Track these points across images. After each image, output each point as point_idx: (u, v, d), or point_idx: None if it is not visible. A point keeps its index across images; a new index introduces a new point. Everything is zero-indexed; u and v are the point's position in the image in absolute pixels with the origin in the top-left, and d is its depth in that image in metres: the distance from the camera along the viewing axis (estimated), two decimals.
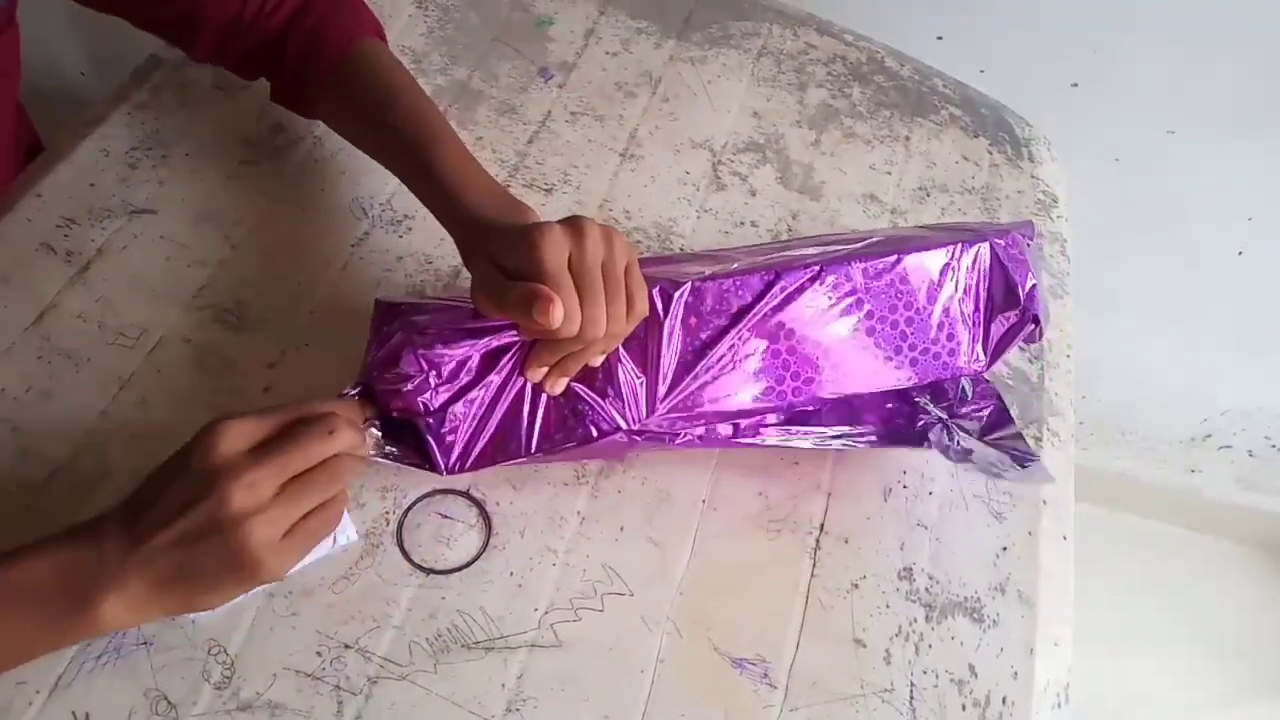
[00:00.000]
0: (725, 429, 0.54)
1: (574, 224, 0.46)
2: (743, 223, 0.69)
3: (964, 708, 0.51)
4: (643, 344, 0.50)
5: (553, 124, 0.72)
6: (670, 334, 0.50)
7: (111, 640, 0.46)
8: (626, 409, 0.50)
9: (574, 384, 0.50)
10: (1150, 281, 1.19)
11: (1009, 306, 0.54)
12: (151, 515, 0.41)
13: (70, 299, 0.57)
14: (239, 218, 0.62)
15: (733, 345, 0.50)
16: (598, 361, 0.49)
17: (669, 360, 0.50)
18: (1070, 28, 0.96)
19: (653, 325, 0.50)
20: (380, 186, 0.65)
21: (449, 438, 0.49)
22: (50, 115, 0.79)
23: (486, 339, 0.49)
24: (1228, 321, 1.22)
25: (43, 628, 0.41)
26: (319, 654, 0.47)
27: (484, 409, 0.49)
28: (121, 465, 0.51)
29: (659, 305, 0.50)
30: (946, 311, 0.53)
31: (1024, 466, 0.55)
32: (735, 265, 0.52)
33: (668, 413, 0.50)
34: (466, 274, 0.51)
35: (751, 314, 0.50)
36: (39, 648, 0.42)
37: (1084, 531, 0.61)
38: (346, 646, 0.47)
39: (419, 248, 0.63)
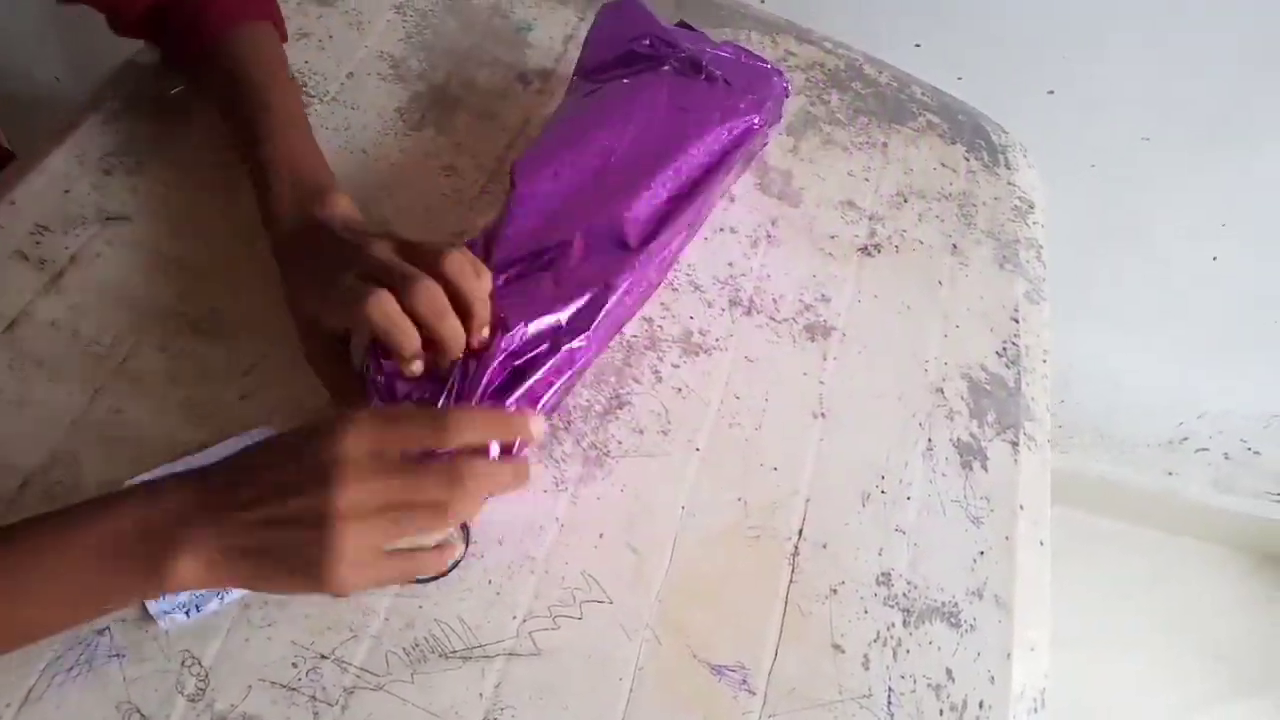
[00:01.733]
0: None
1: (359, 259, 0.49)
2: (722, 229, 0.70)
3: (941, 712, 0.52)
4: None
5: (532, 129, 0.72)
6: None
7: (83, 652, 0.45)
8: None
9: None
10: (1126, 286, 1.21)
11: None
12: (252, 486, 0.40)
13: (43, 307, 0.56)
14: (214, 225, 0.62)
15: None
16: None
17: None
18: (1047, 36, 0.97)
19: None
20: (358, 192, 0.64)
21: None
22: (24, 121, 0.78)
23: None
24: (1203, 326, 1.24)
25: (116, 581, 0.40)
26: (295, 665, 0.47)
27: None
28: (94, 475, 0.50)
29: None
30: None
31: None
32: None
33: None
34: None
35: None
36: (110, 600, 0.41)
37: (1062, 534, 0.61)
38: (323, 657, 0.47)
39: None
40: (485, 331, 0.50)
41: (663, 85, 0.64)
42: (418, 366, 0.48)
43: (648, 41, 0.66)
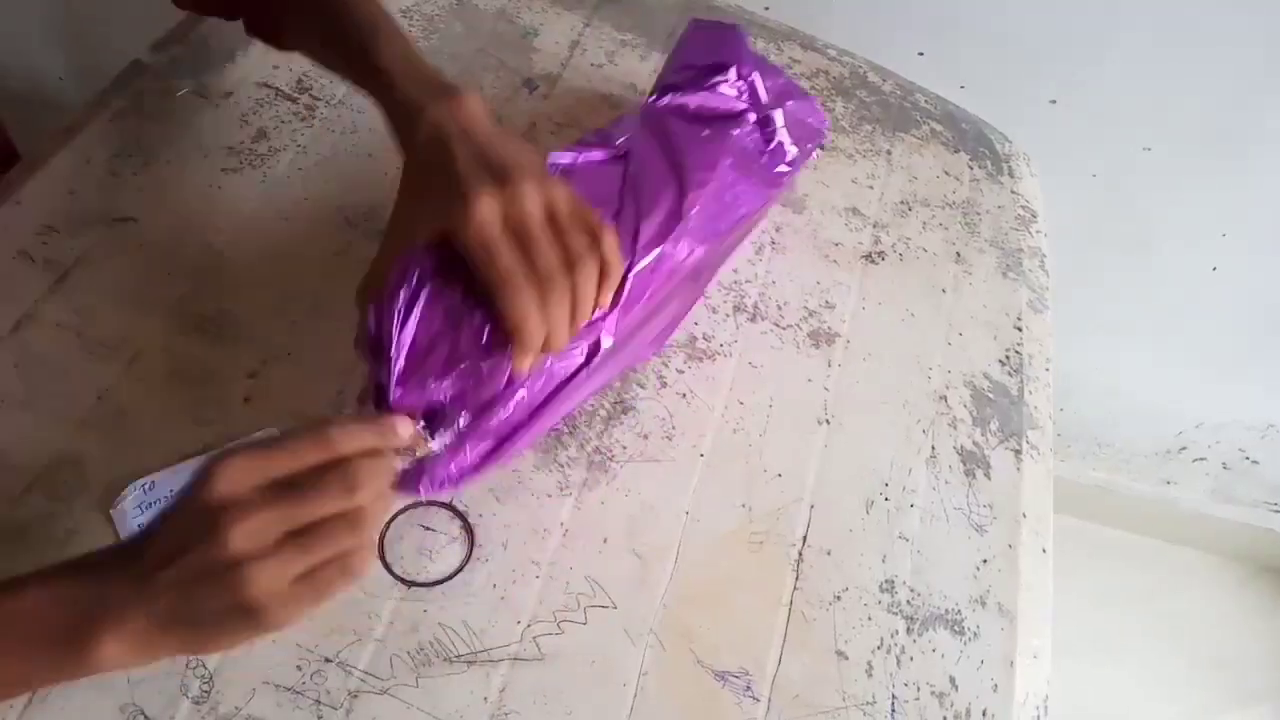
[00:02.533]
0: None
1: (505, 186, 0.44)
2: None
3: None
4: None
5: (537, 135, 0.72)
6: None
7: None
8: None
9: None
10: (1126, 296, 1.21)
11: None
12: (154, 552, 0.38)
13: (49, 308, 0.56)
14: (220, 226, 0.62)
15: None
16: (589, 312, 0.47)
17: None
18: (1050, 46, 0.97)
19: None
20: (365, 195, 0.65)
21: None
22: (29, 122, 0.78)
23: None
24: (1202, 336, 1.24)
25: (39, 663, 0.38)
26: (299, 668, 0.47)
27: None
28: (99, 477, 0.50)
29: None
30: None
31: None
32: None
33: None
34: None
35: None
36: (33, 682, 0.40)
37: (1061, 543, 0.61)
38: (327, 660, 0.47)
39: None
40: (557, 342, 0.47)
41: (731, 155, 0.59)
42: (528, 363, 0.45)
43: (735, 79, 0.62)
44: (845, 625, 0.54)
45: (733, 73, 0.62)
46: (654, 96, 0.61)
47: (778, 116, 0.62)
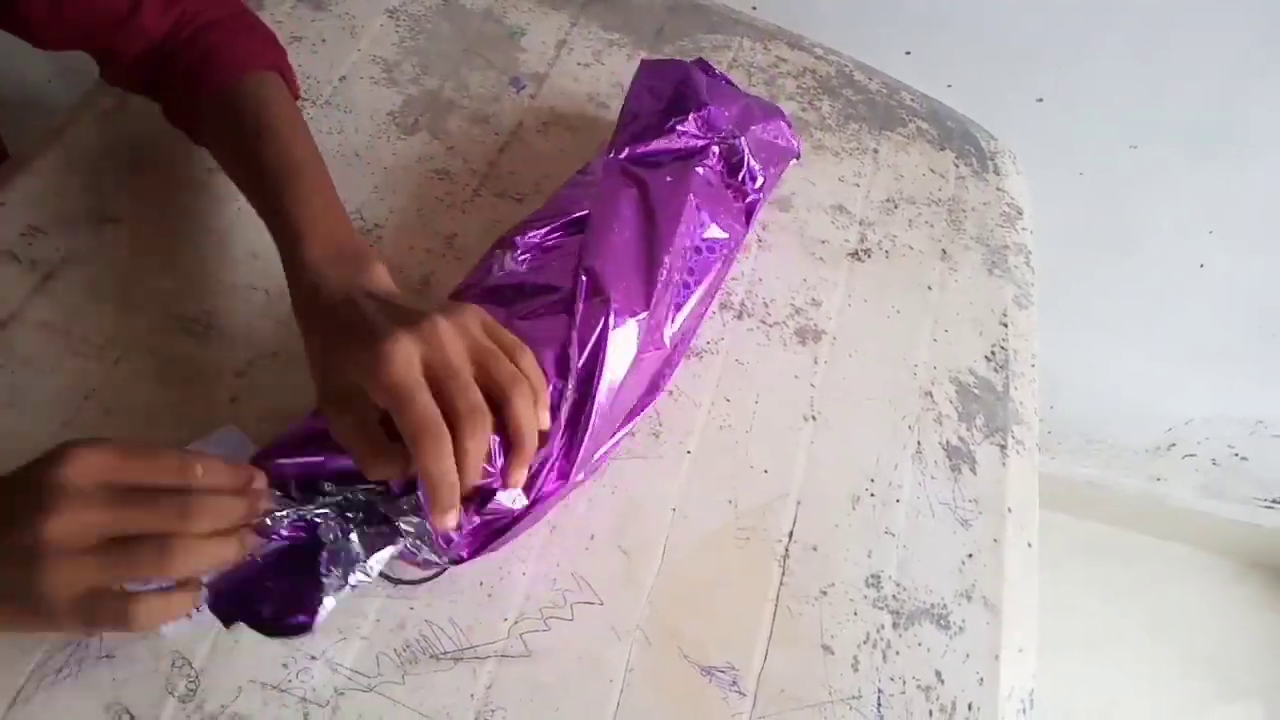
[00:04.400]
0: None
1: (419, 328, 0.42)
2: None
3: (931, 714, 0.52)
4: None
5: (524, 134, 0.72)
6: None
7: (72, 653, 0.45)
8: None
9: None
10: (1115, 293, 1.22)
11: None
12: None
13: (34, 308, 0.56)
14: (206, 226, 0.62)
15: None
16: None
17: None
18: (1036, 44, 0.98)
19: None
20: (352, 194, 0.65)
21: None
22: (17, 122, 0.78)
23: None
24: (1191, 332, 1.25)
25: None
26: (285, 665, 0.47)
27: None
28: None
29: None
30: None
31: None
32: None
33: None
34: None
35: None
36: None
37: (1051, 539, 0.62)
38: (313, 658, 0.47)
39: (388, 256, 0.63)
40: (519, 478, 0.45)
41: (698, 190, 0.59)
42: (452, 520, 0.42)
43: (690, 121, 0.62)
44: (831, 620, 0.54)
45: (690, 116, 0.62)
46: (612, 152, 0.60)
47: (742, 144, 0.62)
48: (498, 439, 0.44)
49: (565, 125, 0.74)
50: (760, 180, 0.63)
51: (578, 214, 0.59)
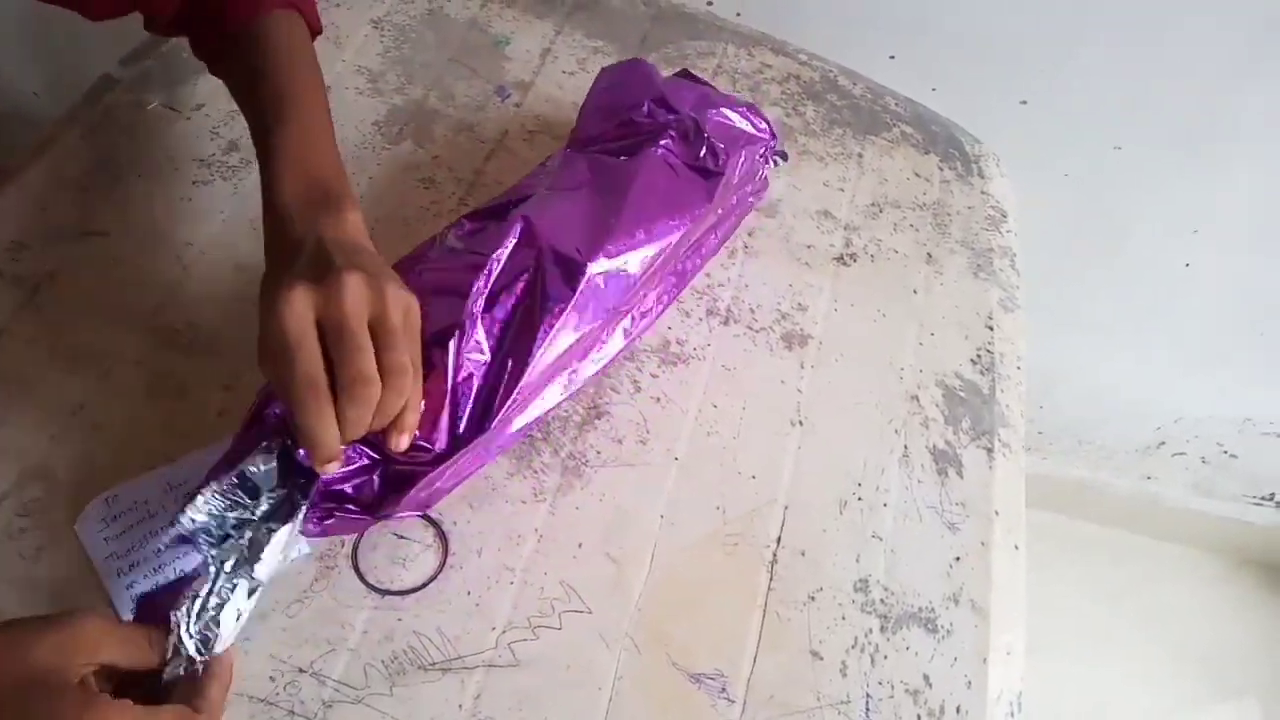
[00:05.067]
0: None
1: (324, 281, 0.42)
2: None
3: (919, 718, 0.52)
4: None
5: (510, 142, 0.73)
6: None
7: None
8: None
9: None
10: (1102, 294, 1.22)
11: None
12: None
13: (20, 324, 0.56)
14: (192, 239, 0.62)
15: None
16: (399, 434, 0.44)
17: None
18: (1019, 47, 0.98)
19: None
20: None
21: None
22: (4, 138, 0.78)
23: None
24: (1178, 332, 1.25)
25: None
26: (272, 679, 0.47)
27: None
28: (71, 492, 0.50)
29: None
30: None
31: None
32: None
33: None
34: None
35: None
36: None
37: (1042, 539, 0.62)
38: (301, 670, 0.47)
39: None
40: (404, 442, 0.45)
41: (657, 172, 0.59)
42: (331, 469, 0.43)
43: (646, 109, 0.62)
44: (819, 625, 0.54)
45: (646, 103, 0.62)
46: (569, 147, 0.60)
47: (698, 122, 0.62)
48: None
49: (550, 133, 0.74)
50: (722, 158, 0.62)
51: (527, 195, 0.58)
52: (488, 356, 0.49)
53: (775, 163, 0.69)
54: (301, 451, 0.44)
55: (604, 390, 0.60)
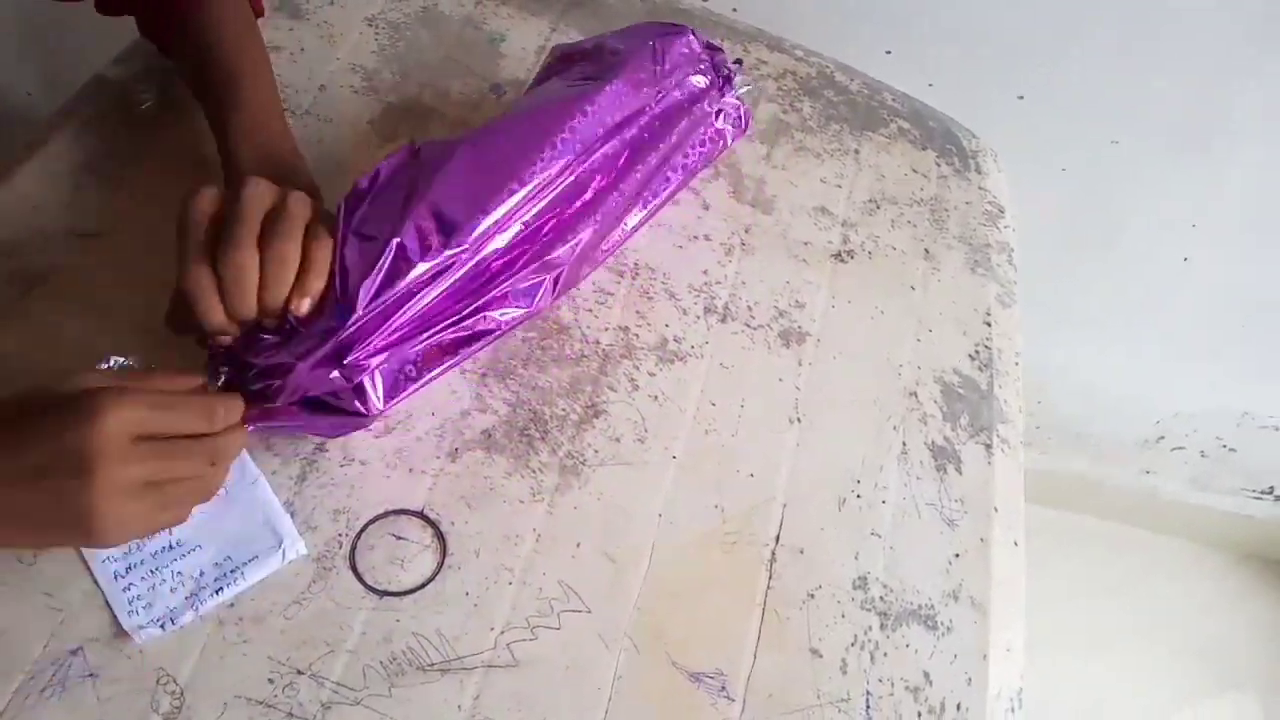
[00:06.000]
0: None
1: (231, 184, 0.49)
2: (696, 237, 0.70)
3: (919, 715, 0.52)
4: None
5: None
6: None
7: (56, 672, 0.45)
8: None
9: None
10: (1101, 288, 1.22)
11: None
12: (5, 454, 0.40)
13: (12, 324, 0.56)
14: None
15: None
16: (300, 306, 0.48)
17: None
18: (1016, 42, 0.98)
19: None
20: (332, 204, 0.65)
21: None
22: None
23: None
24: (1176, 326, 1.25)
25: None
26: (271, 681, 0.46)
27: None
28: None
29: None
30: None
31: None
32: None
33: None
34: None
35: None
36: None
37: (1042, 533, 0.62)
38: (299, 672, 0.47)
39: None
40: (305, 305, 0.48)
41: (566, 101, 0.60)
42: (223, 340, 0.49)
43: (579, 62, 0.64)
44: (819, 623, 0.54)
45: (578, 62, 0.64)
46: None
47: (620, 47, 0.63)
48: None
49: None
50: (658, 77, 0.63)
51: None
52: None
53: (728, 76, 0.68)
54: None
55: (601, 389, 0.60)
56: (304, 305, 0.48)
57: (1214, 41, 0.94)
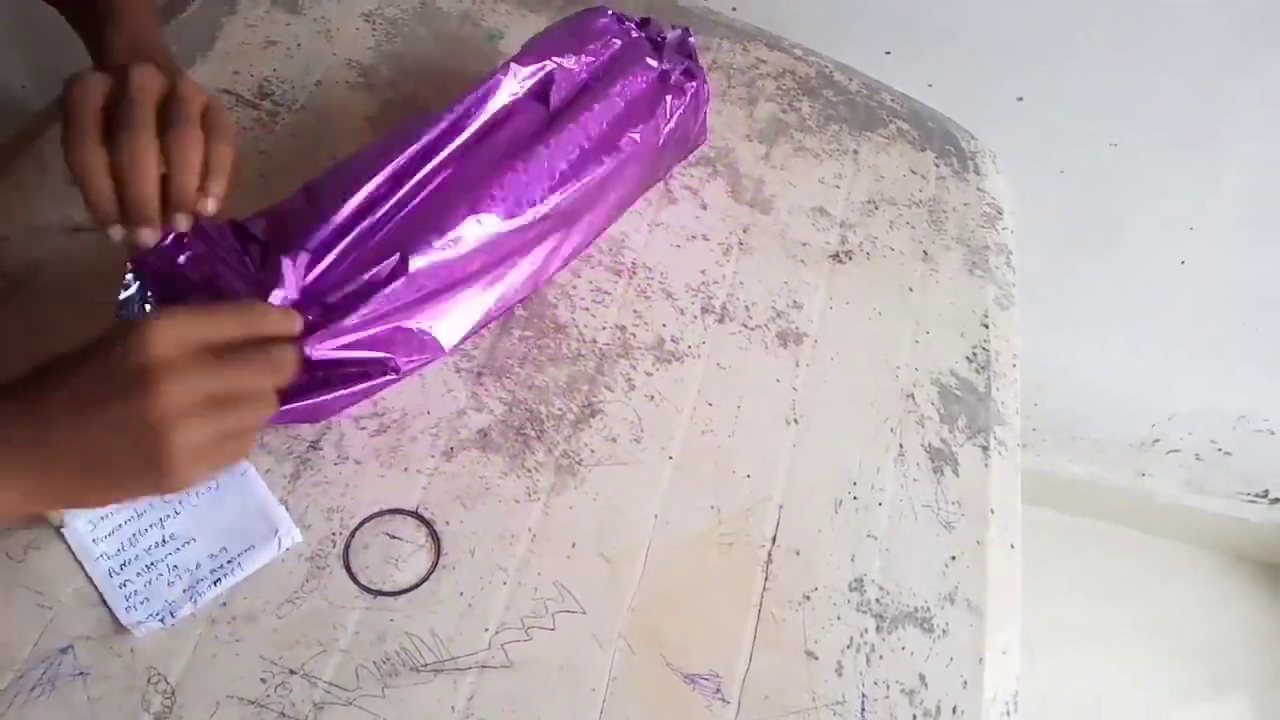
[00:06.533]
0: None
1: (116, 69, 0.46)
2: (694, 236, 0.70)
3: (915, 718, 0.52)
4: None
5: None
6: None
7: (46, 671, 0.44)
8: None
9: None
10: (1097, 290, 1.22)
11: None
12: (59, 405, 0.38)
13: (3, 318, 0.55)
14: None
15: None
16: (205, 208, 0.46)
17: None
18: (1016, 43, 0.98)
19: None
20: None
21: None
22: None
23: None
24: (1173, 329, 1.25)
25: None
26: (263, 680, 0.46)
27: None
28: None
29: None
30: None
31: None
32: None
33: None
34: None
35: None
36: None
37: (1037, 535, 0.62)
38: (291, 672, 0.47)
39: None
40: (210, 205, 0.46)
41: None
42: (115, 233, 0.45)
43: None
44: (815, 625, 0.54)
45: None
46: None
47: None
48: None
49: None
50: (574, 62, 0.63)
51: None
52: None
53: (660, 39, 0.68)
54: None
55: (598, 388, 0.60)
56: (209, 204, 0.45)
57: (1213, 44, 0.94)
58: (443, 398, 0.57)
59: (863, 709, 0.51)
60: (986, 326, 0.70)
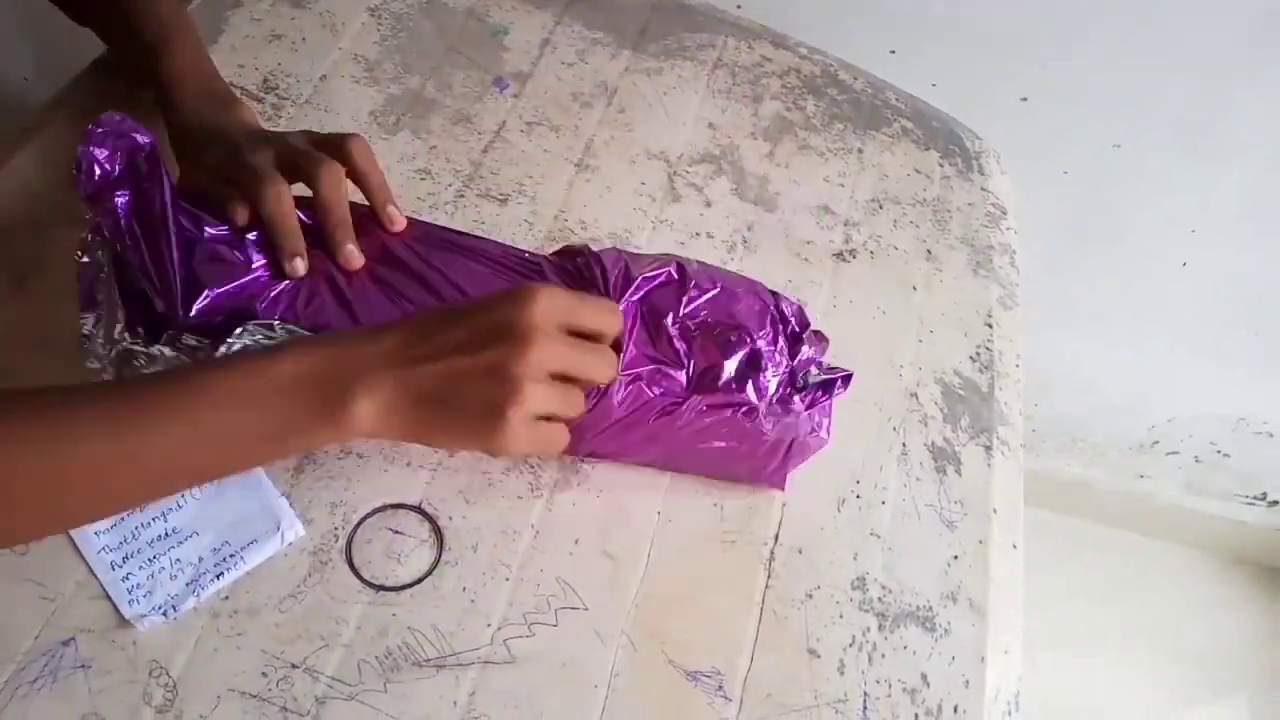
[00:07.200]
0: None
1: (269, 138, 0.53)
2: (698, 234, 0.70)
3: (916, 717, 0.52)
4: None
5: (508, 134, 0.72)
6: None
7: (47, 663, 0.44)
8: None
9: None
10: (1099, 292, 1.22)
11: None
12: (441, 337, 0.42)
13: (8, 312, 0.55)
14: None
15: None
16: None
17: None
18: (1021, 43, 0.98)
19: None
20: None
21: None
22: None
23: None
24: (1174, 331, 1.25)
25: (292, 420, 0.41)
26: (265, 674, 0.46)
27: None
28: None
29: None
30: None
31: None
32: None
33: None
34: None
35: None
36: (285, 444, 0.42)
37: (1036, 537, 0.61)
38: (294, 666, 0.47)
39: None
40: (393, 212, 0.52)
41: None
42: (300, 266, 0.49)
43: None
44: (817, 623, 0.54)
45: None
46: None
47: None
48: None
49: (549, 125, 0.73)
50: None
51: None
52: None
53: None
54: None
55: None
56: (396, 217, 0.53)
57: (1217, 46, 0.94)
58: None
59: (864, 707, 0.51)
60: (990, 326, 0.70)
